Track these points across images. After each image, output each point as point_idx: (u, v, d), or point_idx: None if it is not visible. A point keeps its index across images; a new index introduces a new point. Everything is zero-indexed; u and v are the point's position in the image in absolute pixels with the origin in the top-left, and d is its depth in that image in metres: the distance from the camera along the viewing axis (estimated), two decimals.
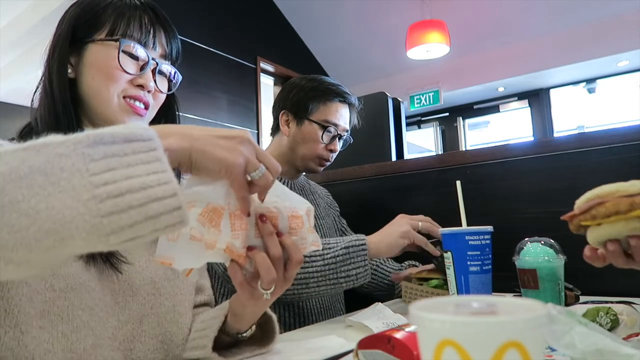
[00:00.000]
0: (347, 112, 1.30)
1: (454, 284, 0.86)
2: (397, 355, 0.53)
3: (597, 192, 0.55)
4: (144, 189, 0.39)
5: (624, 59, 4.38)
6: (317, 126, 1.24)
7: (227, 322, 0.70)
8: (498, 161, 1.33)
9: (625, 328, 0.69)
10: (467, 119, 5.80)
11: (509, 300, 0.33)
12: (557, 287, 0.82)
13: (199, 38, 3.80)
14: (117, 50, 0.69)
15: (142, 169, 0.40)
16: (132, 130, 0.41)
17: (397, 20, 4.46)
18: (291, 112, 1.27)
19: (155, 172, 0.40)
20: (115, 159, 0.39)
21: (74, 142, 0.39)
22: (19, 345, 0.55)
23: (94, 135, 0.40)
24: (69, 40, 0.70)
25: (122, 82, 0.70)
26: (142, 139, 0.41)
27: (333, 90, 1.26)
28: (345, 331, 0.87)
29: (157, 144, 0.42)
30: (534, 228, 1.06)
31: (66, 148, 0.38)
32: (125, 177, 0.39)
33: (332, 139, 1.27)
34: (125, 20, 0.71)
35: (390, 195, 1.44)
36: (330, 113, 1.25)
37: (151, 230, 0.39)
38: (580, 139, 1.22)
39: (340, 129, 1.27)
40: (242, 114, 4.21)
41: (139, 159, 0.40)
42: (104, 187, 0.38)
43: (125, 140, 0.41)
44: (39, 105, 0.69)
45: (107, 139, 0.40)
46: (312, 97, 1.25)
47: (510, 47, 4.64)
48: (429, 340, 0.30)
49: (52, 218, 0.36)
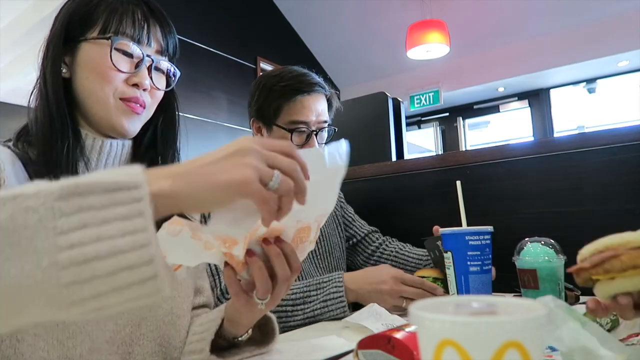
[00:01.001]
0: (318, 102, 1.15)
1: (454, 284, 0.86)
2: (397, 355, 0.53)
3: (606, 243, 0.52)
4: (113, 255, 0.35)
5: (624, 59, 4.38)
6: (285, 130, 1.13)
7: (224, 326, 0.69)
8: (498, 161, 1.33)
9: (626, 328, 0.70)
10: (467, 119, 5.80)
11: (509, 300, 0.33)
12: (558, 287, 0.82)
13: (199, 38, 3.79)
14: (110, 49, 0.67)
15: (117, 227, 0.35)
16: (116, 178, 0.37)
17: (397, 20, 4.46)
18: (258, 119, 1.18)
19: (133, 231, 0.36)
20: (89, 214, 0.35)
21: (46, 194, 0.35)
22: (15, 354, 0.55)
23: (69, 185, 0.36)
24: (63, 39, 0.68)
25: (117, 82, 0.68)
26: (126, 187, 0.37)
27: (292, 86, 1.12)
28: (345, 331, 0.87)
29: (142, 192, 0.37)
30: (534, 228, 1.07)
31: (36, 200, 0.35)
32: (95, 239, 0.34)
33: (306, 138, 1.14)
34: (118, 17, 0.68)
35: (390, 196, 1.44)
36: (296, 112, 1.12)
37: (119, 302, 0.35)
38: (580, 139, 1.22)
39: (313, 124, 1.14)
40: (242, 114, 4.20)
41: (118, 213, 0.36)
42: (69, 251, 0.34)
43: (106, 190, 0.36)
44: (35, 106, 0.69)
45: (84, 189, 0.36)
46: (273, 98, 1.13)
47: (510, 47, 4.64)
48: (429, 340, 0.30)
49: (8, 284, 0.33)
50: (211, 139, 3.85)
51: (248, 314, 0.65)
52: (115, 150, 0.72)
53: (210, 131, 3.85)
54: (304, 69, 1.18)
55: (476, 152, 1.40)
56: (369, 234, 1.40)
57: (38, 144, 0.66)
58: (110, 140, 0.71)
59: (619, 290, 0.51)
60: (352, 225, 1.41)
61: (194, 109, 3.67)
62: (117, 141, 0.72)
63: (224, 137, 3.99)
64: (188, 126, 4.16)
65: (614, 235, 0.52)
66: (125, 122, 0.69)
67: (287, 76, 1.14)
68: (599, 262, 0.51)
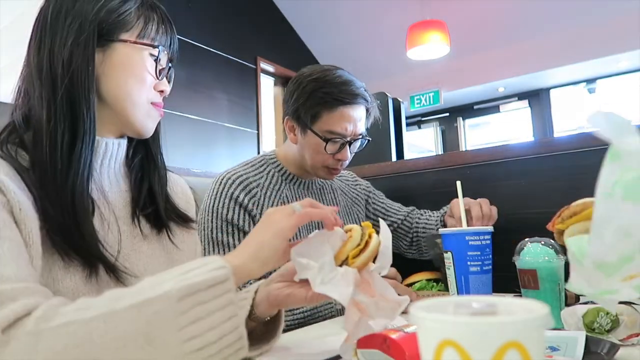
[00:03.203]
0: (357, 113, 1.10)
1: (454, 284, 0.86)
2: (393, 355, 0.54)
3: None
4: (220, 339, 0.47)
5: (624, 59, 4.38)
6: (320, 138, 1.09)
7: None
8: (498, 161, 1.33)
9: (626, 328, 0.69)
10: (467, 119, 5.81)
11: (509, 301, 0.33)
12: (558, 287, 0.82)
13: (199, 38, 3.79)
14: (147, 54, 0.70)
15: (220, 315, 0.48)
16: (212, 275, 0.49)
17: (397, 20, 4.46)
18: (294, 119, 1.13)
19: (230, 317, 0.48)
20: (199, 308, 0.47)
21: (169, 297, 0.46)
22: None
23: (185, 286, 0.47)
24: (97, 37, 0.66)
25: (150, 87, 0.71)
26: (219, 281, 0.49)
27: (334, 95, 1.07)
28: (345, 332, 0.87)
29: (231, 284, 0.49)
30: (534, 228, 1.06)
31: (161, 305, 0.46)
32: (208, 329, 0.47)
33: (340, 147, 1.11)
34: (152, 25, 0.71)
35: (391, 196, 1.44)
36: (334, 122, 1.08)
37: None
38: (580, 139, 1.22)
39: (349, 136, 1.10)
40: (242, 114, 4.21)
41: (218, 304, 0.48)
42: (190, 341, 0.46)
43: (208, 286, 0.48)
44: (36, 102, 0.64)
45: (195, 288, 0.47)
46: (312, 104, 1.08)
47: (510, 47, 4.64)
48: (430, 340, 0.30)
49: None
50: (211, 139, 3.85)
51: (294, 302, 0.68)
52: (112, 150, 0.72)
53: (210, 131, 3.85)
54: (349, 76, 1.12)
55: (476, 152, 1.40)
56: (409, 215, 1.33)
57: (42, 147, 0.62)
58: (106, 139, 0.71)
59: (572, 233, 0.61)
60: (388, 214, 1.34)
61: (194, 109, 3.66)
62: (112, 140, 0.72)
63: (224, 137, 3.99)
64: (188, 126, 4.16)
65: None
66: (151, 125, 0.73)
67: (331, 82, 1.08)
68: (558, 214, 0.65)
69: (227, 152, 3.97)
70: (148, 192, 0.76)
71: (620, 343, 0.63)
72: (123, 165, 0.76)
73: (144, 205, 0.75)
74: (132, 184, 0.76)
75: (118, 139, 0.73)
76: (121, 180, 0.75)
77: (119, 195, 0.74)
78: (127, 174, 0.77)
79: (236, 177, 1.09)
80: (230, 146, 4.02)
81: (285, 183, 1.17)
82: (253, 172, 1.13)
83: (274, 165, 1.18)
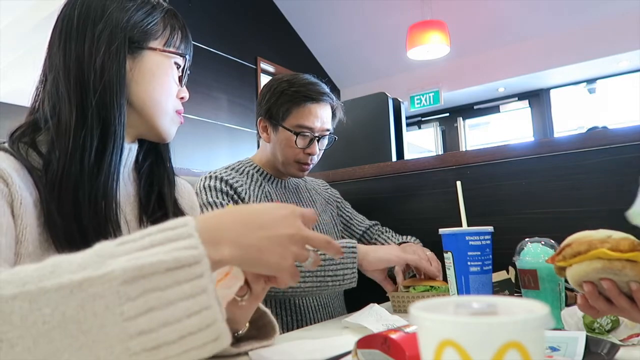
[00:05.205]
0: (324, 110, 1.23)
1: (454, 285, 0.86)
2: (393, 355, 0.54)
3: (571, 237, 0.62)
4: (182, 339, 0.37)
5: (624, 59, 4.38)
6: (291, 132, 1.20)
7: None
8: (498, 161, 1.33)
9: (626, 329, 0.69)
10: (467, 119, 5.80)
11: (509, 301, 0.33)
12: (558, 287, 0.82)
13: (199, 38, 3.79)
14: (172, 63, 0.72)
15: (183, 308, 0.37)
16: (176, 255, 0.38)
17: (397, 20, 4.46)
18: (266, 119, 1.24)
19: (199, 311, 0.37)
20: (154, 295, 0.37)
21: (110, 278, 0.36)
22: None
23: (133, 267, 0.37)
24: (129, 43, 0.67)
25: (174, 95, 0.74)
26: (187, 263, 0.38)
27: (302, 92, 1.20)
28: (345, 332, 0.87)
29: (204, 268, 0.39)
30: (534, 228, 1.07)
31: (101, 286, 0.36)
32: (163, 324, 0.36)
33: (309, 142, 1.22)
34: (177, 33, 0.73)
35: (391, 196, 1.44)
36: (303, 117, 1.19)
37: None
38: (580, 139, 1.22)
39: (317, 131, 1.22)
40: (242, 114, 4.20)
41: (182, 292, 0.37)
42: (139, 337, 0.36)
43: (168, 269, 0.37)
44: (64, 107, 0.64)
45: (148, 270, 0.37)
46: (282, 102, 1.20)
47: (510, 47, 4.64)
48: (430, 340, 0.30)
49: None
50: (211, 139, 3.85)
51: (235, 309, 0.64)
52: (124, 155, 0.72)
53: (210, 131, 3.85)
54: (315, 78, 1.25)
55: (476, 152, 1.40)
56: (370, 229, 1.42)
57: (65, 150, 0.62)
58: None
59: (577, 276, 0.59)
60: (350, 224, 1.42)
61: (194, 109, 3.66)
62: (126, 145, 0.71)
63: (224, 137, 3.99)
64: (188, 126, 4.14)
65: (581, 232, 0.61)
66: (174, 130, 0.76)
67: (299, 82, 1.21)
68: (559, 251, 0.62)
69: (227, 152, 3.97)
70: (157, 197, 0.77)
71: (621, 343, 0.63)
72: (132, 170, 0.77)
73: (153, 209, 0.75)
74: (140, 188, 0.77)
75: (129, 144, 0.73)
76: (129, 184, 0.76)
77: (127, 200, 0.74)
78: (136, 178, 0.77)
79: (219, 176, 1.16)
80: (230, 146, 4.02)
81: (265, 182, 1.26)
82: (234, 173, 1.20)
83: (252, 167, 1.27)
